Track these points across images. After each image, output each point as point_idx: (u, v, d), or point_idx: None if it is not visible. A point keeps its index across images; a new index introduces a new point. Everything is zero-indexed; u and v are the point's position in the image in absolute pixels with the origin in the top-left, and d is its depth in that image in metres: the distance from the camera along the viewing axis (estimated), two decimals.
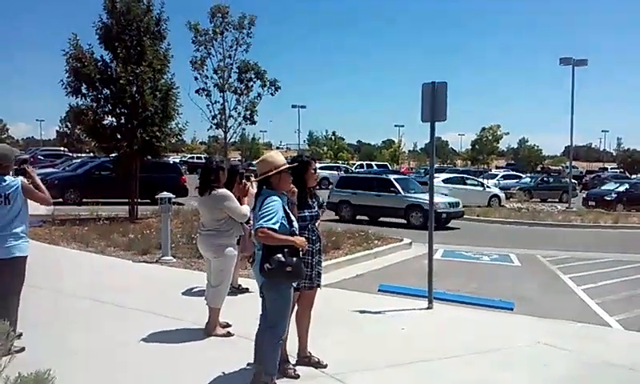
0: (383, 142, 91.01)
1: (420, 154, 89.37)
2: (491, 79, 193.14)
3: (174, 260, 10.02)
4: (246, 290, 7.81)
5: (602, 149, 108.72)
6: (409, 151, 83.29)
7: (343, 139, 74.30)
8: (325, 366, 5.11)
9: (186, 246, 10.76)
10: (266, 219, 4.20)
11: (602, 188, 31.84)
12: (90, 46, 14.72)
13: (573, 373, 5.37)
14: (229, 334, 5.97)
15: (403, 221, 18.43)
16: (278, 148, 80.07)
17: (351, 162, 58.88)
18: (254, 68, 12.17)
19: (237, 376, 4.81)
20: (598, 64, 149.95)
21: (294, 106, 66.40)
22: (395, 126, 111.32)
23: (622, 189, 29.04)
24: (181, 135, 15.91)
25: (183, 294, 7.81)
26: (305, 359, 5.17)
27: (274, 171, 4.43)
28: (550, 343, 6.21)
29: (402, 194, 19.02)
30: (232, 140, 13.14)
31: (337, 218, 18.88)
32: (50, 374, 2.34)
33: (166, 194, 10.21)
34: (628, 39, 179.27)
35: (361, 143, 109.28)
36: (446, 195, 21.20)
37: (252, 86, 12.33)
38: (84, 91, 14.56)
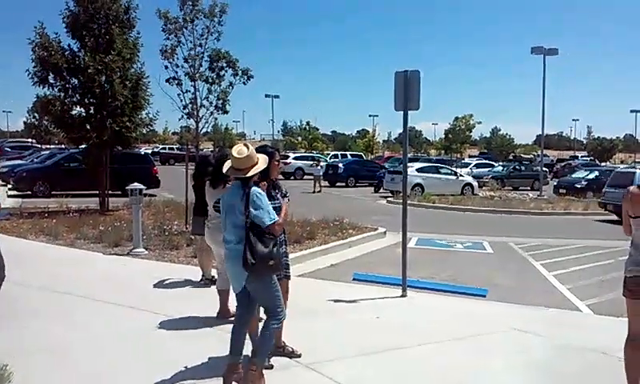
0: (358, 131, 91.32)
1: (395, 143, 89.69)
2: (464, 69, 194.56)
3: (146, 252, 9.85)
4: None
5: (572, 137, 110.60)
6: (383, 141, 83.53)
7: (317, 129, 74.18)
8: (299, 356, 5.09)
9: (159, 238, 10.61)
10: (271, 214, 4.26)
11: (573, 176, 32.38)
12: (56, 34, 14.34)
13: (546, 358, 5.43)
14: None
15: None
16: (242, 138, 79.72)
17: (325, 151, 58.83)
18: (225, 56, 11.95)
19: (202, 369, 4.75)
20: (569, 54, 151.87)
21: (267, 96, 66.00)
22: (370, 115, 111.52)
23: (591, 176, 29.52)
24: (152, 125, 15.64)
25: (155, 286, 7.69)
26: (279, 349, 5.12)
27: (264, 167, 4.45)
28: (523, 329, 6.27)
29: None
30: (204, 130, 12.96)
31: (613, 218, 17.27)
32: (6, 370, 2.23)
33: (136, 186, 10.02)
34: (599, 29, 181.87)
35: (336, 133, 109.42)
36: None
37: (224, 74, 12.14)
38: (51, 81, 14.18)
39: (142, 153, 29.21)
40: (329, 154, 49.67)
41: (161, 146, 59.82)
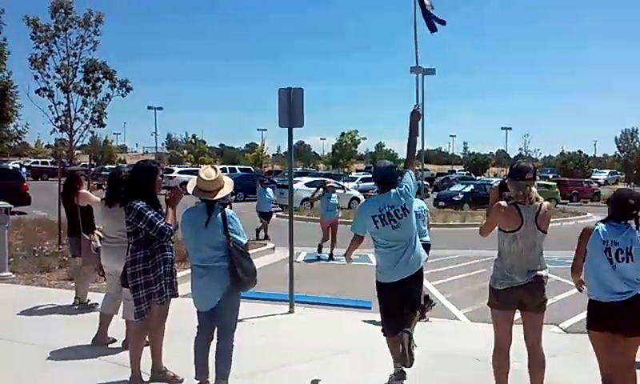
0: (247, 145, 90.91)
1: (284, 157, 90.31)
2: (350, 86, 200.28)
3: (13, 276, 9.08)
4: (97, 306, 7.23)
5: (450, 152, 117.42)
6: (273, 155, 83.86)
7: (204, 142, 72.90)
8: (181, 381, 4.91)
9: (28, 261, 9.81)
10: (244, 234, 4.53)
11: (451, 189, 34.36)
12: None
13: (423, 364, 5.61)
14: None
15: None
16: (123, 151, 76.36)
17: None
18: (102, 67, 11.41)
19: None
20: (445, 73, 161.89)
21: (149, 108, 63.75)
22: (258, 129, 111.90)
23: (467, 189, 31.51)
24: (20, 138, 14.54)
25: (22, 313, 7.06)
26: (159, 374, 4.93)
27: (230, 190, 4.62)
28: None
29: None
30: (80, 143, 12.28)
31: None
32: None
33: (1, 204, 9.22)
34: (473, 51, 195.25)
35: (224, 146, 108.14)
36: None
37: (100, 86, 11.59)
38: None
39: (11, 167, 27.02)
40: None
41: (33, 160, 55.78)
